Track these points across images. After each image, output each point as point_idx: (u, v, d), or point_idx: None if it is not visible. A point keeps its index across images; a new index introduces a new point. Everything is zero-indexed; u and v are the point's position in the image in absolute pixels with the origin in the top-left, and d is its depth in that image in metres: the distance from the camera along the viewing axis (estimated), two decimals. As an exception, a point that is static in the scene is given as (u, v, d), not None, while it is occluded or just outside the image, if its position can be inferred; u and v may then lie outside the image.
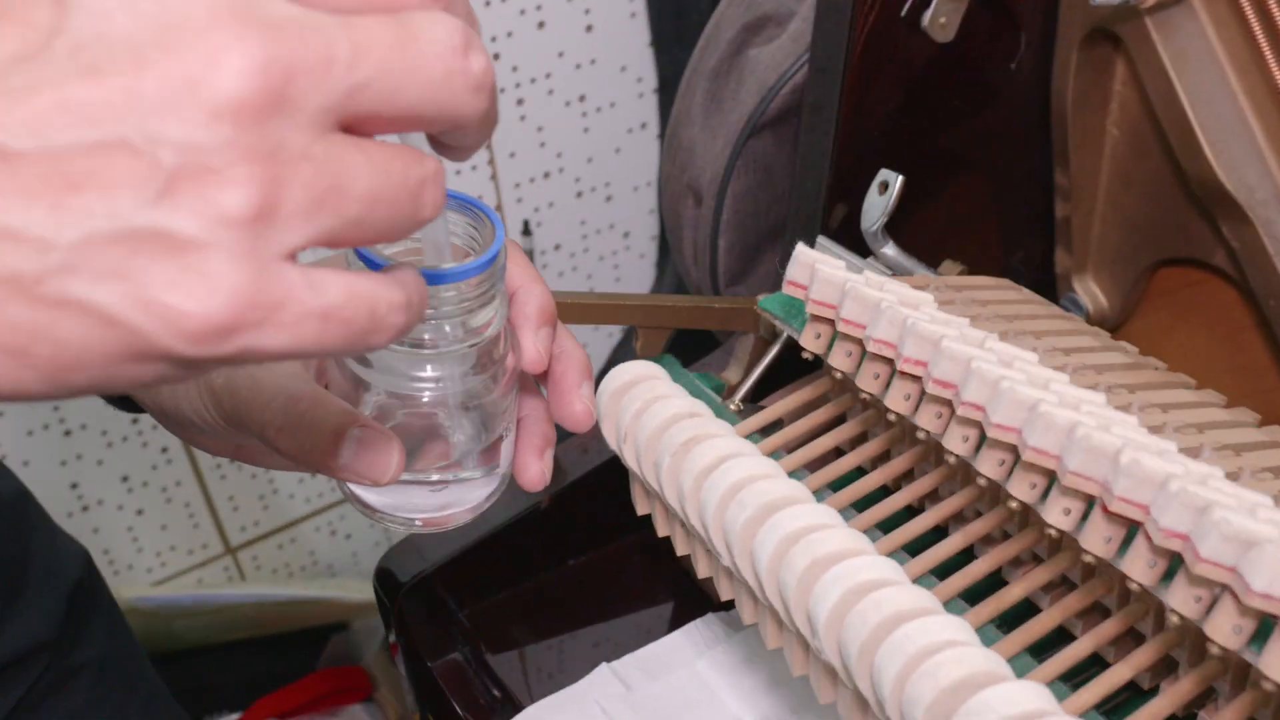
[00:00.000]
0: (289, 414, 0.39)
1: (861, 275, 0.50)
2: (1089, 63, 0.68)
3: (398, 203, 0.28)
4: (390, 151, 0.28)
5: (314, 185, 0.26)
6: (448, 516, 0.44)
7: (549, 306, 0.44)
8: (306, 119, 0.26)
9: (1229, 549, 0.35)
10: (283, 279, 0.26)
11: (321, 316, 0.27)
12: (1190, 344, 0.72)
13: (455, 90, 0.28)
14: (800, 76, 0.74)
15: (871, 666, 0.40)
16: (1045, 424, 0.40)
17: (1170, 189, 0.66)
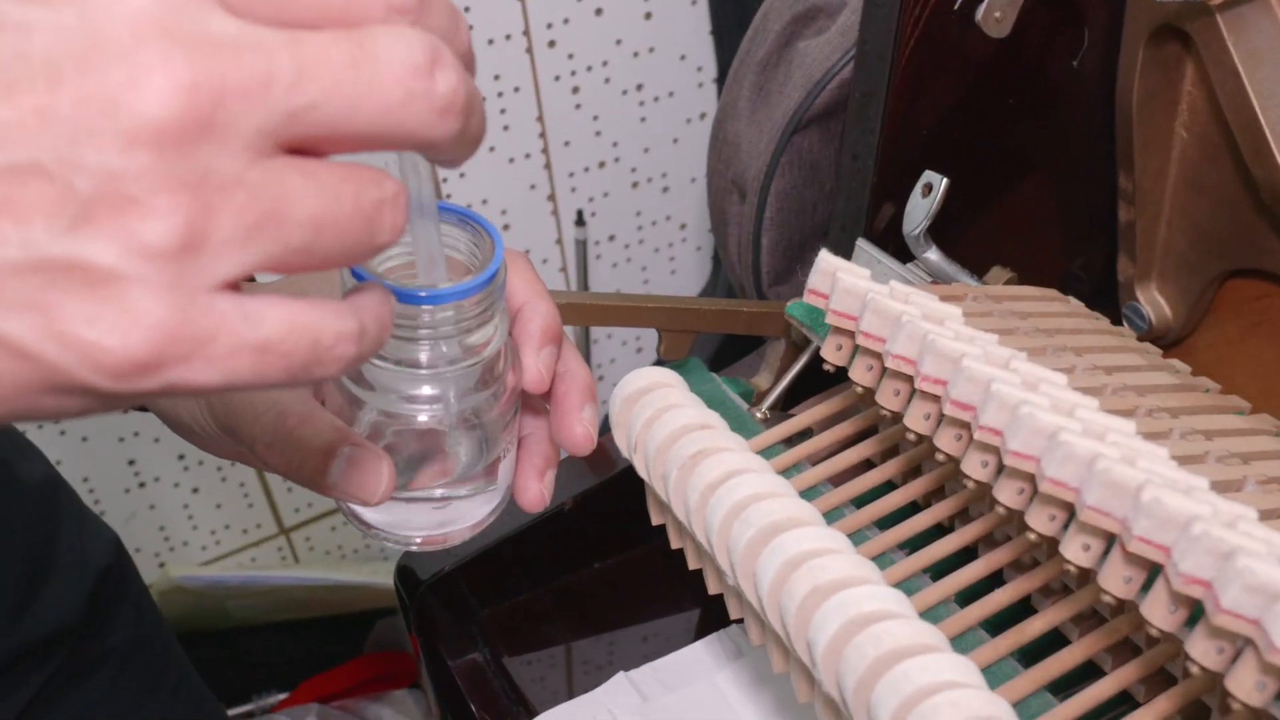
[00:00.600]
0: (278, 429, 0.38)
1: (887, 286, 0.47)
2: (1156, 61, 0.65)
3: (349, 228, 0.26)
4: (342, 173, 0.26)
5: (248, 212, 0.25)
6: (446, 535, 0.43)
7: (554, 324, 0.42)
8: (240, 143, 0.24)
9: (1253, 600, 0.32)
10: (213, 311, 0.25)
11: (257, 349, 0.26)
12: (1260, 359, 0.68)
13: (417, 113, 0.26)
14: (847, 71, 0.71)
15: (868, 704, 0.38)
16: (1064, 454, 0.37)
17: (1241, 196, 0.63)
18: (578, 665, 0.68)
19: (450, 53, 0.27)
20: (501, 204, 1.19)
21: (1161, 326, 0.69)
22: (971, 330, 0.46)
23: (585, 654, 0.68)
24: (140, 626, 0.73)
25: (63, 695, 0.67)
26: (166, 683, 0.75)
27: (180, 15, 0.24)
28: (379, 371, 0.38)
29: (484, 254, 0.37)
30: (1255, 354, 0.68)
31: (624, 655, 0.66)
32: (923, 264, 0.62)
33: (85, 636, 0.68)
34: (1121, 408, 0.47)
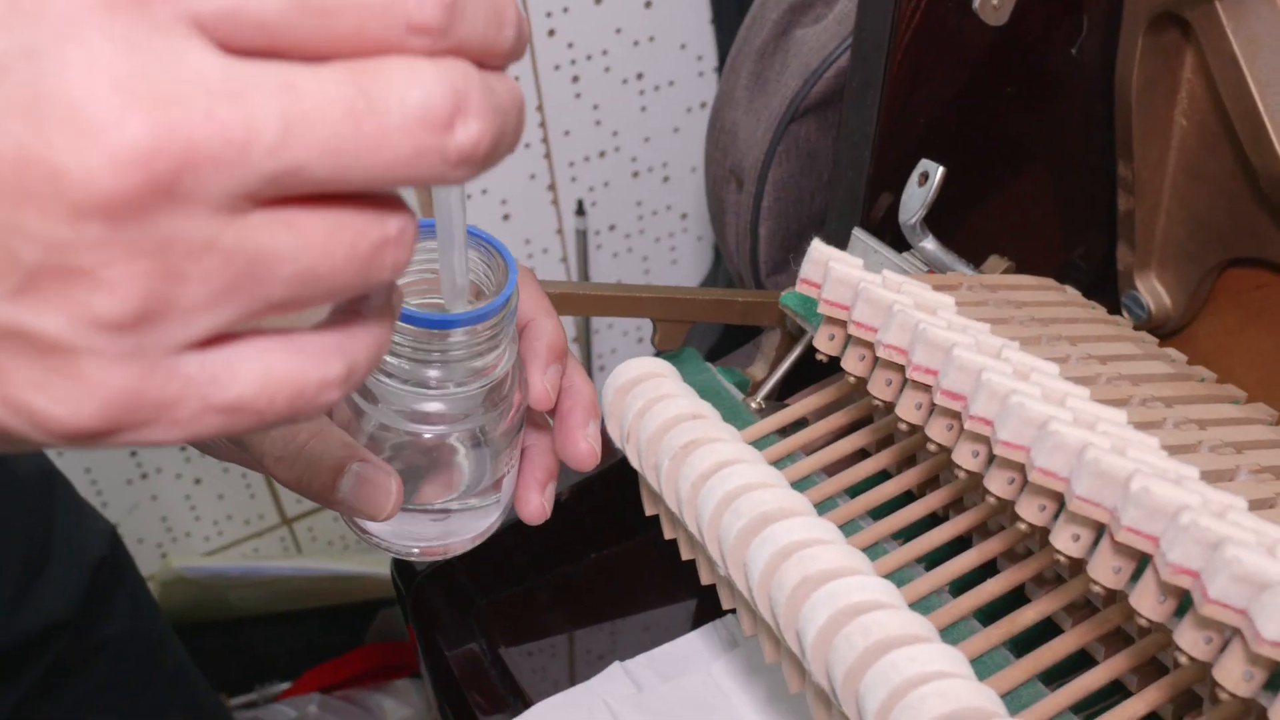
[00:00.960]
0: (288, 445, 0.38)
1: (879, 275, 0.47)
2: (1155, 49, 0.64)
3: (340, 277, 0.24)
4: (334, 222, 0.23)
5: (220, 276, 0.22)
6: (446, 546, 0.43)
7: (560, 343, 0.42)
8: (209, 208, 0.22)
9: (1240, 590, 0.32)
10: (176, 376, 0.23)
11: (226, 410, 0.24)
12: (1259, 348, 0.68)
13: (428, 168, 0.23)
14: (845, 59, 0.71)
15: (857, 694, 0.38)
16: (1054, 444, 0.37)
17: (1240, 185, 0.63)
18: (574, 655, 0.68)
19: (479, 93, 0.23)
20: (501, 194, 1.18)
21: (1160, 315, 0.69)
22: (964, 320, 0.46)
23: (582, 644, 0.68)
24: (136, 618, 0.73)
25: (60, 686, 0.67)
26: (163, 673, 0.75)
27: (146, 58, 0.21)
28: (387, 388, 0.38)
29: (497, 277, 0.37)
30: (1254, 343, 0.68)
31: (620, 645, 0.66)
32: (919, 253, 0.62)
33: (82, 628, 0.68)
34: (1115, 397, 0.47)
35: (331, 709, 1.20)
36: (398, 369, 0.37)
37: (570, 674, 0.65)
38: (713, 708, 0.59)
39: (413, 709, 1.23)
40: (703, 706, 0.59)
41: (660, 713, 0.59)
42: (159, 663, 0.74)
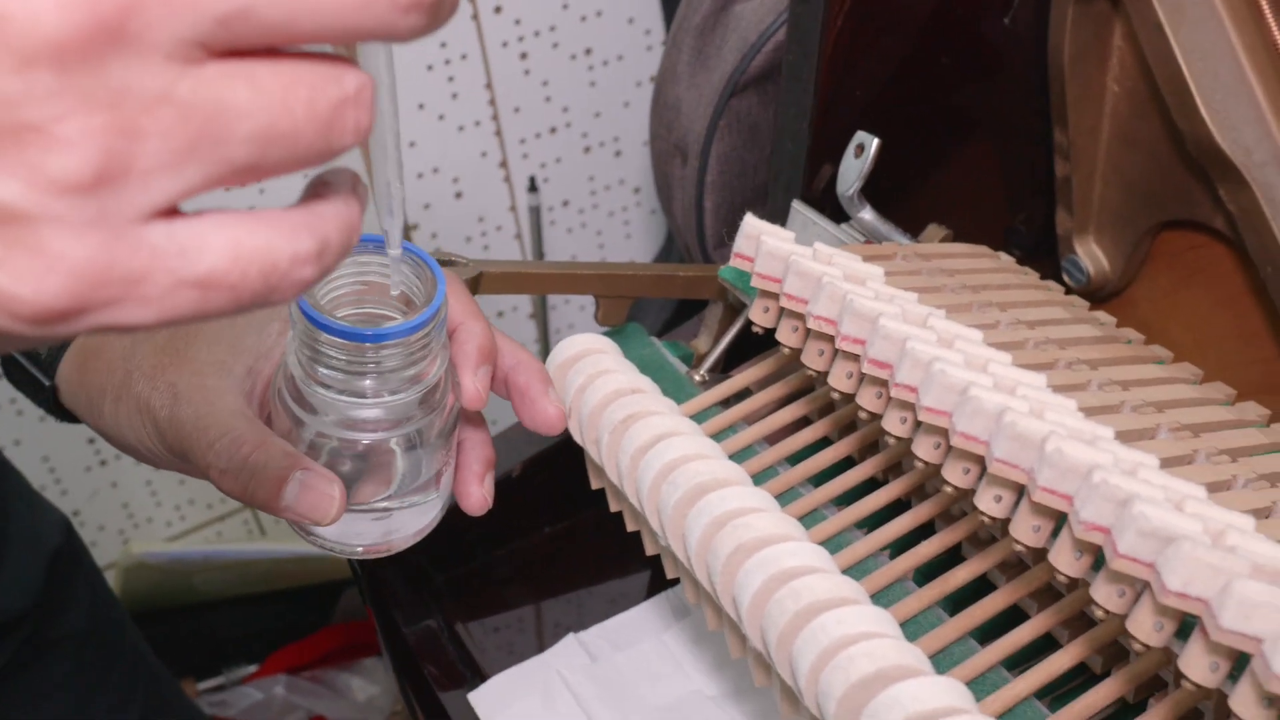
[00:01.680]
0: (233, 456, 0.39)
1: (810, 248, 0.48)
2: (1086, 17, 0.65)
3: (302, 136, 0.23)
4: (292, 74, 0.23)
5: (179, 132, 0.22)
6: (390, 543, 0.45)
7: (488, 344, 0.43)
8: (161, 54, 0.21)
9: (1147, 545, 0.34)
10: (143, 246, 0.22)
11: (199, 285, 0.23)
12: (1194, 309, 0.70)
13: (378, 13, 0.23)
14: (783, 34, 0.71)
15: (790, 656, 0.39)
16: (973, 409, 0.38)
17: (1169, 149, 0.64)
18: (530, 628, 0.69)
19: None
20: (453, 172, 1.18)
21: (1099, 279, 0.71)
22: (892, 290, 0.47)
23: (537, 617, 0.69)
24: (95, 608, 0.73)
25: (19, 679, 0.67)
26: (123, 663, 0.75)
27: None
28: (324, 399, 0.39)
29: (427, 288, 0.39)
30: (1190, 304, 0.69)
31: (575, 617, 0.67)
32: (858, 224, 0.63)
33: (41, 619, 0.68)
34: (1041, 360, 0.48)
35: (298, 689, 1.20)
36: (334, 380, 0.38)
37: (526, 647, 0.66)
38: (664, 675, 0.60)
39: (380, 687, 1.24)
40: (655, 674, 0.60)
41: (613, 682, 0.60)
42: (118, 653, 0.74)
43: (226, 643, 1.30)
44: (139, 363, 0.43)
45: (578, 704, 0.59)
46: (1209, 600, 0.32)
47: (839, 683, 0.36)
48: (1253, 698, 0.32)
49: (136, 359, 0.43)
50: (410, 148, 1.14)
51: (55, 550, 0.69)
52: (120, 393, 0.44)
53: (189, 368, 0.42)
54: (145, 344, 0.44)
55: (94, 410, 0.46)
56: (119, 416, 0.44)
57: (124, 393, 0.43)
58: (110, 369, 0.44)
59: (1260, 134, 0.58)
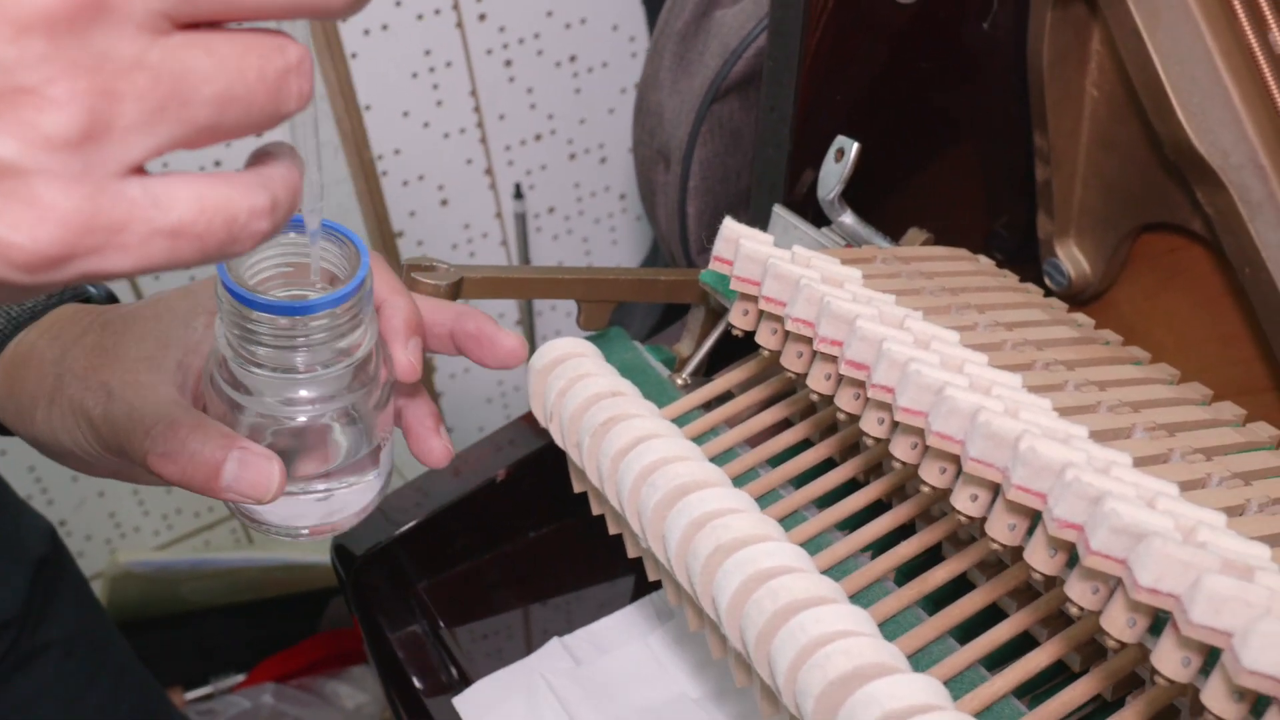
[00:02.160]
0: (170, 441, 0.39)
1: (789, 251, 0.49)
2: (1065, 22, 0.66)
3: (255, 99, 0.26)
4: (244, 44, 0.26)
5: (151, 95, 0.24)
6: (334, 524, 0.45)
7: (414, 317, 0.44)
8: (135, 23, 0.24)
9: (1119, 541, 0.34)
10: (123, 198, 0.25)
11: (170, 234, 0.26)
12: (1174, 310, 0.70)
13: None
14: (764, 39, 0.72)
15: (769, 655, 0.39)
16: (949, 408, 0.39)
17: (1147, 153, 0.64)
18: (515, 633, 0.69)
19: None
20: (438, 180, 1.19)
21: (1080, 281, 0.71)
22: (869, 291, 0.47)
23: (522, 622, 0.69)
24: (80, 616, 0.73)
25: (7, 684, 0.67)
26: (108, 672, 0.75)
27: None
28: (258, 378, 0.39)
29: (351, 263, 0.39)
30: (1170, 305, 0.70)
31: (561, 621, 0.68)
32: (838, 228, 0.63)
33: (25, 628, 0.68)
34: (1019, 361, 0.48)
35: (286, 698, 1.20)
36: (266, 358, 0.39)
37: (511, 652, 0.66)
38: (649, 678, 0.60)
39: (368, 694, 1.24)
40: (639, 677, 0.61)
41: (597, 684, 0.60)
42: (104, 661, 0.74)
43: (214, 652, 1.29)
44: (69, 365, 0.44)
45: (562, 707, 0.59)
46: (1179, 595, 0.33)
47: (817, 681, 0.37)
48: (1223, 691, 0.33)
49: (67, 363, 0.44)
50: (395, 155, 1.15)
51: (40, 558, 0.69)
52: (53, 397, 0.44)
53: (120, 365, 0.43)
54: (75, 347, 0.44)
55: (24, 419, 0.46)
56: (52, 421, 0.44)
57: (56, 396, 0.44)
58: (40, 376, 0.45)
59: (1236, 137, 0.58)
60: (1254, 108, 0.57)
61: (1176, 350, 0.66)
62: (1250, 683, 0.31)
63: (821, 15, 0.64)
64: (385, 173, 1.14)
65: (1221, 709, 0.33)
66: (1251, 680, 0.31)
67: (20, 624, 0.68)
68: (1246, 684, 0.31)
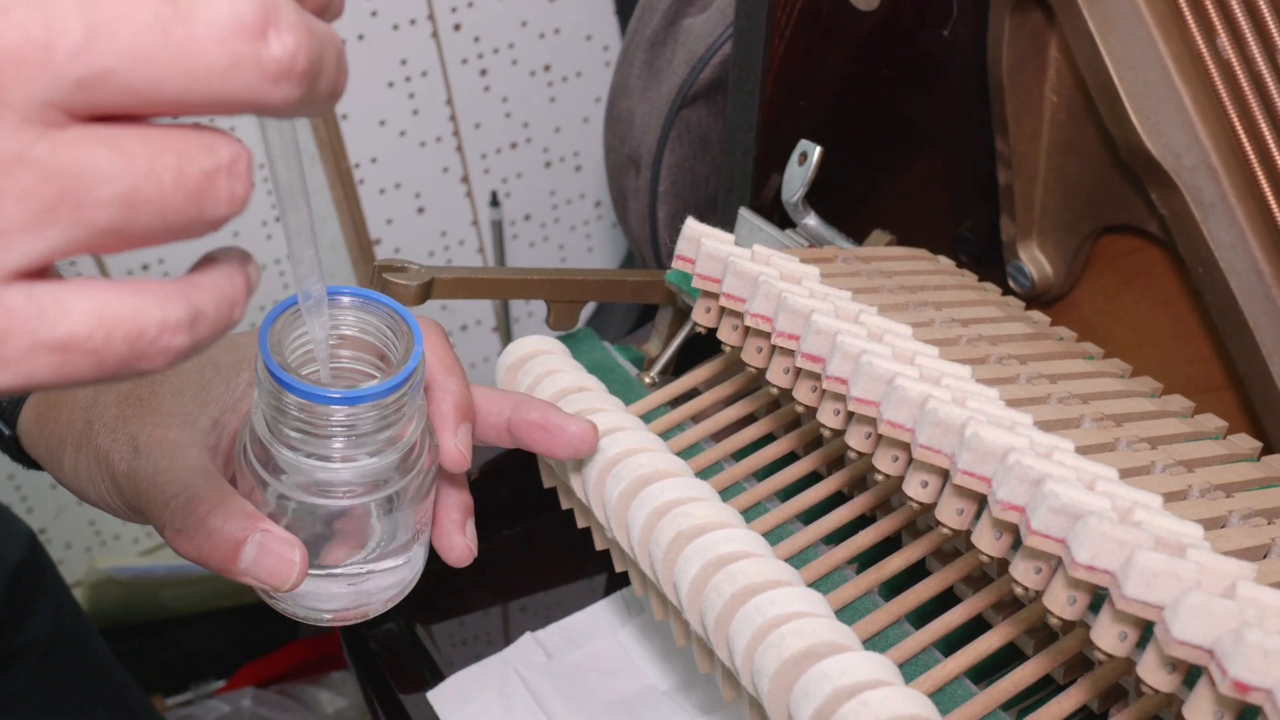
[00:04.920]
0: (189, 516, 0.37)
1: (748, 250, 0.50)
2: (1023, 29, 0.67)
3: (171, 203, 0.23)
4: (160, 142, 0.23)
5: (36, 196, 0.22)
6: (359, 612, 0.43)
7: (465, 401, 0.41)
8: (17, 116, 0.21)
9: (1058, 521, 0.35)
10: (1, 307, 0.22)
11: (58, 349, 0.23)
12: (1134, 310, 0.72)
13: (245, 80, 0.23)
14: (729, 47, 0.73)
15: (727, 637, 0.41)
16: (899, 398, 0.40)
17: (1105, 156, 0.66)
18: (490, 630, 0.70)
19: (289, 10, 0.23)
20: (414, 188, 1.20)
21: (1043, 283, 0.72)
22: (826, 288, 0.49)
23: (496, 618, 0.70)
24: (59, 620, 0.73)
25: None
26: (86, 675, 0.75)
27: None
28: (291, 460, 0.37)
29: (403, 344, 0.36)
30: (1131, 305, 0.71)
31: (535, 618, 0.69)
32: (803, 230, 0.64)
33: (3, 632, 0.68)
34: (972, 355, 0.50)
35: (266, 703, 1.21)
36: (301, 442, 0.36)
37: (485, 649, 0.67)
38: (619, 671, 0.62)
39: (348, 699, 1.24)
40: (610, 671, 0.62)
41: (570, 678, 0.61)
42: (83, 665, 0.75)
43: (194, 657, 1.30)
44: (100, 413, 0.42)
45: (534, 700, 0.60)
46: (1114, 572, 0.34)
47: (772, 660, 0.38)
48: (1157, 663, 0.34)
49: (98, 409, 0.42)
50: (372, 164, 1.16)
51: (18, 563, 0.70)
52: (80, 444, 0.42)
53: (151, 419, 0.40)
54: (108, 393, 0.42)
55: (54, 461, 0.44)
56: (78, 469, 0.42)
57: (84, 444, 0.42)
58: (70, 420, 0.43)
59: (1189, 139, 0.60)
60: (1205, 111, 0.58)
61: (1137, 349, 0.67)
62: (1180, 653, 0.33)
63: (785, 23, 0.66)
64: (362, 181, 1.16)
65: (1156, 680, 0.34)
66: (1181, 651, 0.32)
67: None
68: (1177, 654, 0.33)
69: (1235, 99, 0.55)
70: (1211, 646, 0.32)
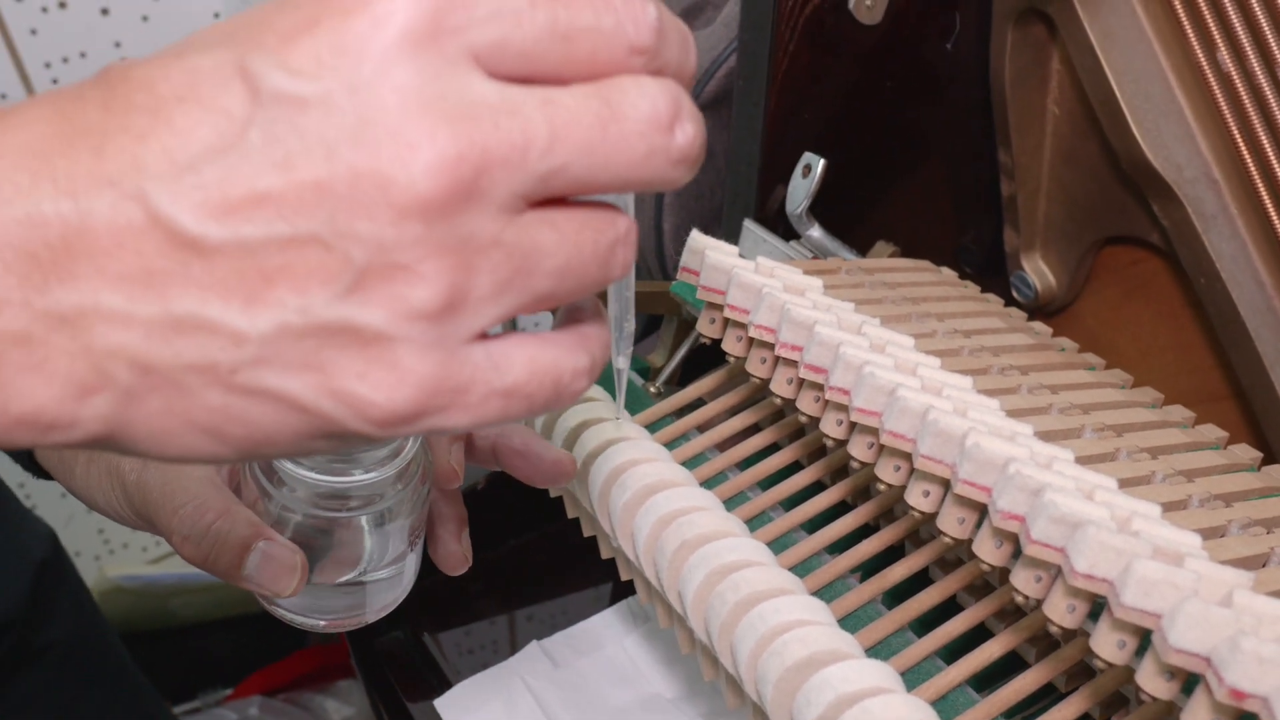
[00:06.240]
0: (195, 524, 0.40)
1: (751, 262, 0.51)
2: (1025, 42, 0.68)
3: (588, 271, 0.27)
4: (581, 220, 0.27)
5: (502, 270, 0.26)
6: (355, 619, 0.45)
7: None
8: (497, 206, 0.25)
9: (1058, 530, 0.36)
10: (468, 363, 0.26)
11: (505, 395, 0.27)
12: (1137, 321, 0.72)
13: (656, 166, 0.27)
14: (734, 60, 0.74)
15: (731, 645, 0.41)
16: (901, 408, 0.41)
17: (1107, 167, 0.66)
18: (497, 638, 0.70)
19: (688, 102, 0.27)
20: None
21: (1047, 294, 0.73)
22: (830, 300, 0.49)
23: (503, 626, 0.71)
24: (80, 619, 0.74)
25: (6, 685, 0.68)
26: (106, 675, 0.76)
27: (442, 85, 0.25)
28: (293, 474, 0.39)
29: None
30: (1134, 316, 0.72)
31: (541, 626, 0.69)
32: (807, 241, 0.65)
33: (26, 629, 0.69)
34: (974, 366, 0.50)
35: (273, 710, 1.21)
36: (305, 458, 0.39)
37: (492, 657, 0.68)
38: (625, 679, 0.62)
39: (355, 708, 1.25)
40: (616, 678, 0.62)
41: (576, 686, 0.62)
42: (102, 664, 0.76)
43: (202, 665, 1.30)
44: None
45: (540, 708, 0.60)
46: (1113, 580, 0.35)
47: (775, 667, 0.39)
48: (1155, 671, 0.34)
49: None
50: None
51: (41, 561, 0.71)
52: (93, 456, 0.44)
53: None
54: None
55: (66, 471, 0.47)
56: (90, 479, 0.45)
57: (96, 456, 0.44)
58: None
59: (1190, 151, 0.60)
60: (1205, 123, 0.59)
61: (1140, 359, 0.68)
62: (1178, 661, 0.33)
63: (789, 37, 0.66)
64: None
65: (1154, 688, 0.35)
66: (1179, 659, 0.33)
67: (22, 625, 0.69)
68: (1174, 662, 0.33)
69: (1236, 112, 0.55)
70: (1208, 654, 0.32)
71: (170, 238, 0.24)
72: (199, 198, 0.24)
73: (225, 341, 0.25)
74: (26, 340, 0.24)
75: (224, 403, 0.25)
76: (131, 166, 0.24)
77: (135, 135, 0.24)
